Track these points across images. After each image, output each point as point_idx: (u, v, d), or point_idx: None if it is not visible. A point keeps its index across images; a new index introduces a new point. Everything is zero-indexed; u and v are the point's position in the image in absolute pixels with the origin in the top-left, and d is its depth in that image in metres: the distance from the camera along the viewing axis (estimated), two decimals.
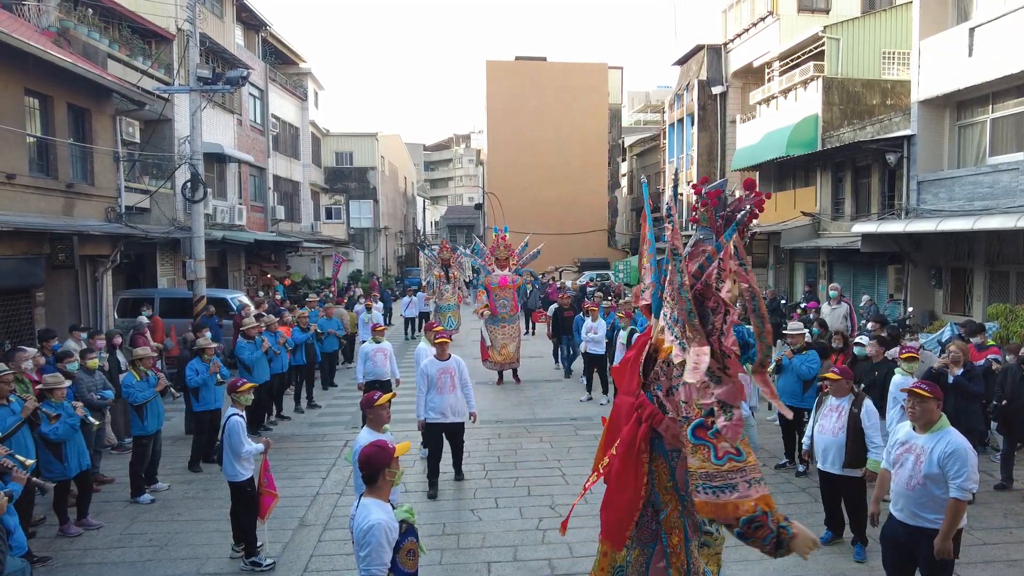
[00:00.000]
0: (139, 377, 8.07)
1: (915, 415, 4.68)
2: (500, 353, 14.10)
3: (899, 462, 4.72)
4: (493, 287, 14.37)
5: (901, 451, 4.74)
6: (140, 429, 7.99)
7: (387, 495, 3.84)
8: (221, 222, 19.87)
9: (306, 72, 32.59)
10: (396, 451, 3.91)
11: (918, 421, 4.67)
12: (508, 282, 14.42)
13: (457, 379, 7.90)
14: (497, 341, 14.13)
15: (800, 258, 21.50)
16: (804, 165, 20.58)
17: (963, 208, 13.77)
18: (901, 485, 4.66)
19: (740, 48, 25.33)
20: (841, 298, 13.84)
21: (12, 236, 11.34)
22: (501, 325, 14.20)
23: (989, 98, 14.01)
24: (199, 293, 13.68)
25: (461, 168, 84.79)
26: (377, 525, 3.62)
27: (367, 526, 3.62)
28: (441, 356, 7.97)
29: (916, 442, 4.65)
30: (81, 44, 14.50)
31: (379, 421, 5.46)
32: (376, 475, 3.76)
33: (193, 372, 8.90)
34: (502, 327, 14.21)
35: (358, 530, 3.65)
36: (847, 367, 6.77)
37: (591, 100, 41.67)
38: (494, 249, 14.85)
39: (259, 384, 10.23)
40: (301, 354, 12.16)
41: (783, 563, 6.25)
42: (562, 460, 9.24)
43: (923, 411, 4.62)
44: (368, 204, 40.96)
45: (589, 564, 6.28)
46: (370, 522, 3.62)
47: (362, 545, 3.62)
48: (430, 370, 7.85)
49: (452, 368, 7.90)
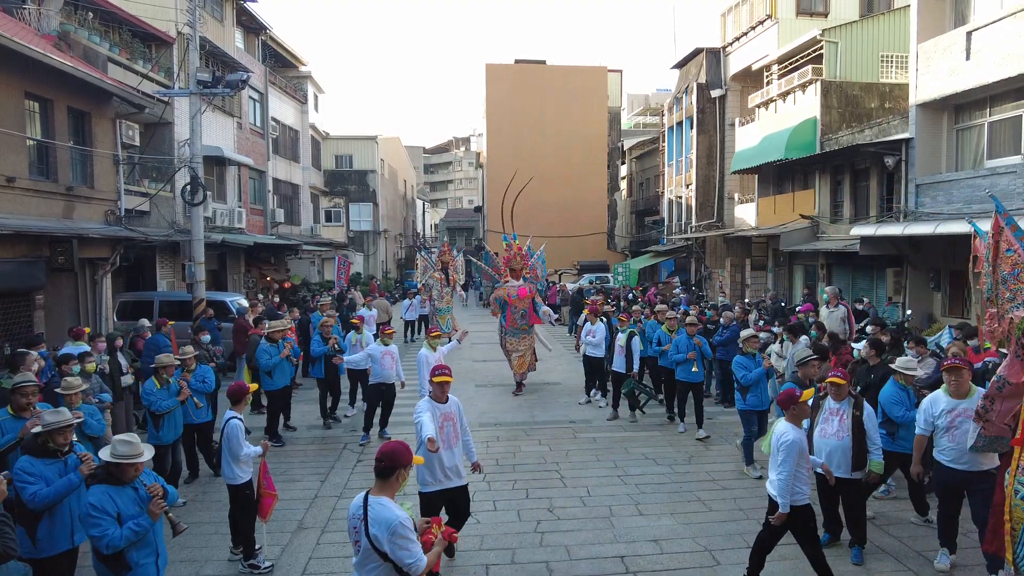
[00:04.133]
0: (160, 385, 7.79)
1: (958, 387, 5.95)
2: (517, 363, 13.93)
3: (954, 425, 5.89)
4: (513, 299, 13.92)
5: (952, 417, 5.91)
6: (155, 439, 7.62)
7: (394, 494, 3.96)
8: (221, 225, 19.89)
9: (306, 75, 32.64)
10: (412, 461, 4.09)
11: (960, 390, 5.95)
12: (526, 292, 14.02)
13: (459, 426, 6.07)
14: (515, 351, 13.97)
15: (799, 261, 21.51)
16: (803, 168, 20.61)
17: (961, 211, 13.78)
18: (964, 442, 5.73)
19: (739, 51, 25.37)
20: (839, 300, 13.84)
21: (12, 239, 11.37)
22: (521, 337, 14.01)
23: (987, 101, 14.05)
24: (199, 296, 13.70)
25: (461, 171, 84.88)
26: (405, 517, 3.82)
27: (395, 522, 3.76)
28: (440, 398, 5.98)
29: (962, 406, 5.86)
30: (82, 48, 14.54)
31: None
32: (392, 471, 3.89)
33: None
34: (520, 338, 14.01)
35: (387, 526, 3.75)
36: (846, 370, 6.78)
37: (591, 103, 41.69)
38: (509, 260, 14.28)
39: (280, 388, 10.22)
40: (320, 367, 11.31)
41: (783, 565, 6.27)
42: (560, 463, 9.25)
43: (962, 381, 5.97)
44: (368, 207, 40.98)
45: (587, 566, 6.31)
46: (398, 517, 3.78)
47: (396, 542, 3.74)
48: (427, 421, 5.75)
49: (453, 414, 6.04)
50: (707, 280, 27.55)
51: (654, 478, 8.62)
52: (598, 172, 42.33)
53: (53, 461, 5.00)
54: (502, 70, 42.36)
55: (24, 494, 4.81)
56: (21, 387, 5.93)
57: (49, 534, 4.95)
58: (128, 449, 4.46)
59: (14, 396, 5.89)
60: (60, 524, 4.98)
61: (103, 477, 4.49)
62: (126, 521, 4.35)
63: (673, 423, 11.12)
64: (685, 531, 7.01)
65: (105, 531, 4.25)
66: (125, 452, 4.45)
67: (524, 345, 14.04)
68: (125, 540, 4.30)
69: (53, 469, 4.97)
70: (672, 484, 8.41)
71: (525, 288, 14.01)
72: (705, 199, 27.72)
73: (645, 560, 6.40)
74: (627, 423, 11.30)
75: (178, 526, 4.73)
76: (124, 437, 4.55)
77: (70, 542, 5.03)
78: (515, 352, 13.97)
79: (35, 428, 5.16)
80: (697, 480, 8.53)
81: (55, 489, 4.87)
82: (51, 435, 5.00)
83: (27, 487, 4.82)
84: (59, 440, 5.02)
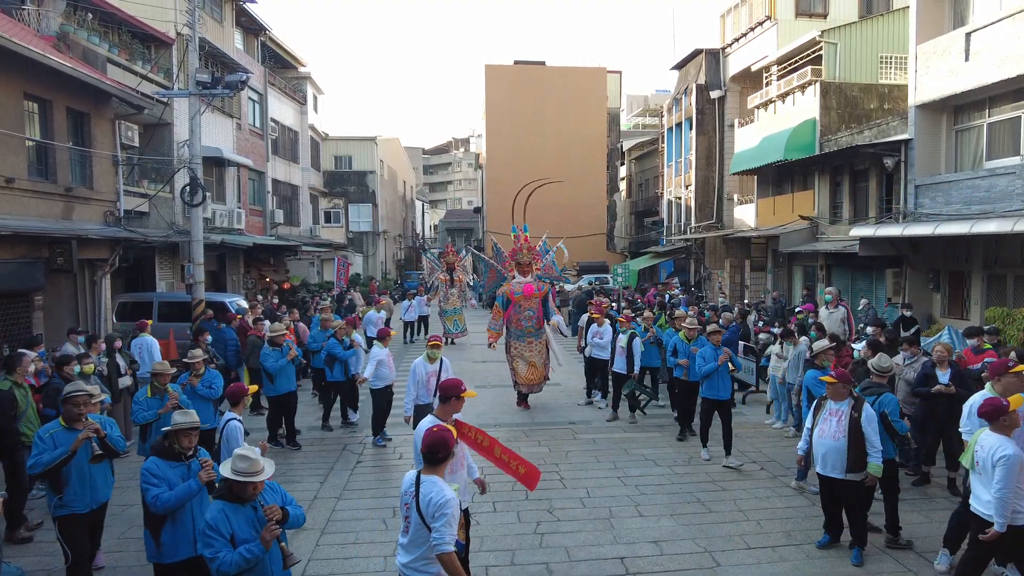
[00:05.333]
0: (151, 394, 7.29)
1: None
2: (526, 373, 12.30)
3: None
4: (517, 297, 12.31)
5: None
6: (141, 450, 7.39)
7: (443, 474, 4.17)
8: (220, 226, 19.89)
9: (305, 76, 32.65)
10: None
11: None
12: (533, 290, 12.35)
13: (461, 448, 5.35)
14: (522, 359, 12.32)
15: (799, 262, 21.52)
16: (802, 169, 20.61)
17: (960, 212, 13.80)
18: None
19: (738, 52, 25.39)
20: (839, 302, 13.86)
21: (11, 240, 11.37)
22: (527, 340, 12.32)
23: (986, 102, 14.06)
24: (198, 297, 13.68)
25: (460, 172, 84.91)
26: (453, 499, 3.98)
27: (442, 500, 3.93)
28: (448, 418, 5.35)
29: None
30: (81, 48, 14.53)
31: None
32: (445, 459, 4.15)
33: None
34: (528, 342, 12.32)
35: (433, 503, 3.93)
36: (845, 371, 6.77)
37: (590, 104, 41.72)
38: (515, 253, 12.70)
39: (284, 393, 9.90)
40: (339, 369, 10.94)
41: (783, 566, 6.27)
42: (560, 464, 9.25)
43: None
44: (367, 208, 40.99)
45: (587, 568, 6.31)
46: (446, 496, 3.96)
47: (437, 517, 3.91)
48: None
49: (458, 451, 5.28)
50: (706, 281, 27.56)
51: (654, 479, 8.61)
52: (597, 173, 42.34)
53: (177, 464, 4.88)
54: (501, 71, 42.38)
55: (147, 496, 4.72)
56: (72, 397, 5.59)
57: (172, 539, 4.86)
58: (246, 465, 4.09)
59: (66, 407, 5.60)
60: (182, 530, 4.86)
61: (224, 492, 4.16)
62: (239, 544, 3.99)
63: (683, 441, 10.23)
64: (685, 532, 7.01)
65: (216, 552, 3.93)
66: (243, 468, 4.08)
67: (533, 351, 12.32)
68: (235, 567, 3.91)
69: (177, 472, 4.86)
70: (672, 485, 8.40)
71: (532, 285, 12.40)
72: (704, 200, 27.74)
73: (645, 561, 6.40)
74: (627, 424, 11.29)
75: (291, 558, 4.22)
76: (242, 451, 4.19)
77: (192, 549, 4.82)
78: (521, 359, 12.33)
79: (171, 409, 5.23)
80: (697, 481, 8.53)
81: (176, 494, 4.74)
82: (177, 436, 4.86)
83: (150, 489, 4.71)
84: (184, 442, 4.88)
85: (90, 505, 5.61)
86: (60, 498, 5.48)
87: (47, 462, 5.36)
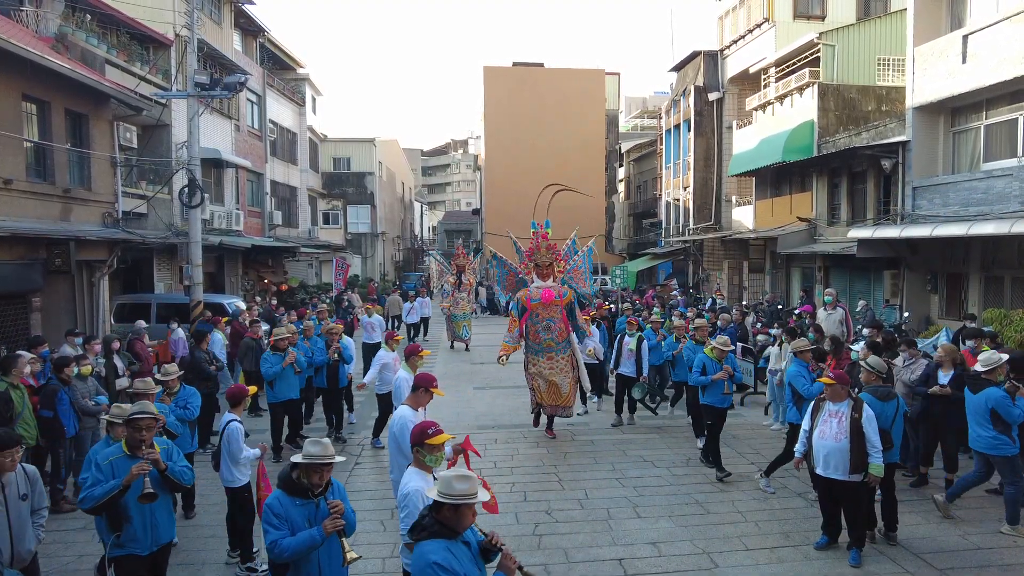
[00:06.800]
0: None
1: None
2: (548, 393, 10.31)
3: None
4: (534, 304, 10.27)
5: None
6: None
7: (430, 469, 4.34)
8: (218, 227, 19.87)
9: (304, 77, 32.65)
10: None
11: None
12: (553, 296, 10.28)
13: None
14: (542, 377, 10.30)
15: (796, 263, 21.55)
16: (800, 171, 20.64)
17: (958, 214, 13.83)
18: None
19: (736, 54, 25.43)
20: (837, 303, 13.88)
21: (9, 241, 11.36)
22: (547, 355, 10.26)
23: (983, 104, 14.10)
24: (196, 298, 13.68)
25: (459, 173, 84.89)
26: (414, 492, 4.17)
27: (404, 492, 4.26)
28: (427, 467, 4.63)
29: None
30: (79, 49, 14.53)
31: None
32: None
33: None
34: (548, 357, 10.25)
35: (400, 495, 4.29)
36: (844, 372, 6.78)
37: (588, 106, 41.76)
38: (532, 252, 10.69)
39: (284, 401, 9.48)
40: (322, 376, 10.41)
41: (782, 567, 6.27)
42: (559, 465, 9.24)
43: None
44: (366, 209, 40.95)
45: (585, 569, 6.31)
46: (407, 488, 4.23)
47: (400, 508, 4.24)
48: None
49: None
50: (705, 282, 27.58)
51: (652, 480, 8.62)
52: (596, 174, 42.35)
53: (305, 502, 4.13)
54: (500, 73, 42.41)
55: (265, 540, 4.07)
56: (136, 420, 4.82)
57: None
58: (319, 449, 4.09)
59: (130, 431, 4.85)
60: None
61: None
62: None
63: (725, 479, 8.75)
64: (683, 534, 7.01)
65: (274, 537, 3.94)
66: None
67: (554, 369, 10.23)
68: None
69: (302, 512, 4.12)
70: (670, 487, 8.41)
71: (551, 291, 10.31)
72: (703, 201, 27.76)
73: (643, 563, 6.40)
74: (625, 426, 11.29)
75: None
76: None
77: None
78: (540, 377, 10.31)
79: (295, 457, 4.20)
80: (695, 482, 8.54)
81: (296, 543, 3.99)
82: (308, 471, 4.14)
83: (269, 531, 4.02)
84: (314, 479, 4.14)
85: (151, 547, 4.84)
86: (117, 536, 4.72)
87: (99, 496, 4.58)
